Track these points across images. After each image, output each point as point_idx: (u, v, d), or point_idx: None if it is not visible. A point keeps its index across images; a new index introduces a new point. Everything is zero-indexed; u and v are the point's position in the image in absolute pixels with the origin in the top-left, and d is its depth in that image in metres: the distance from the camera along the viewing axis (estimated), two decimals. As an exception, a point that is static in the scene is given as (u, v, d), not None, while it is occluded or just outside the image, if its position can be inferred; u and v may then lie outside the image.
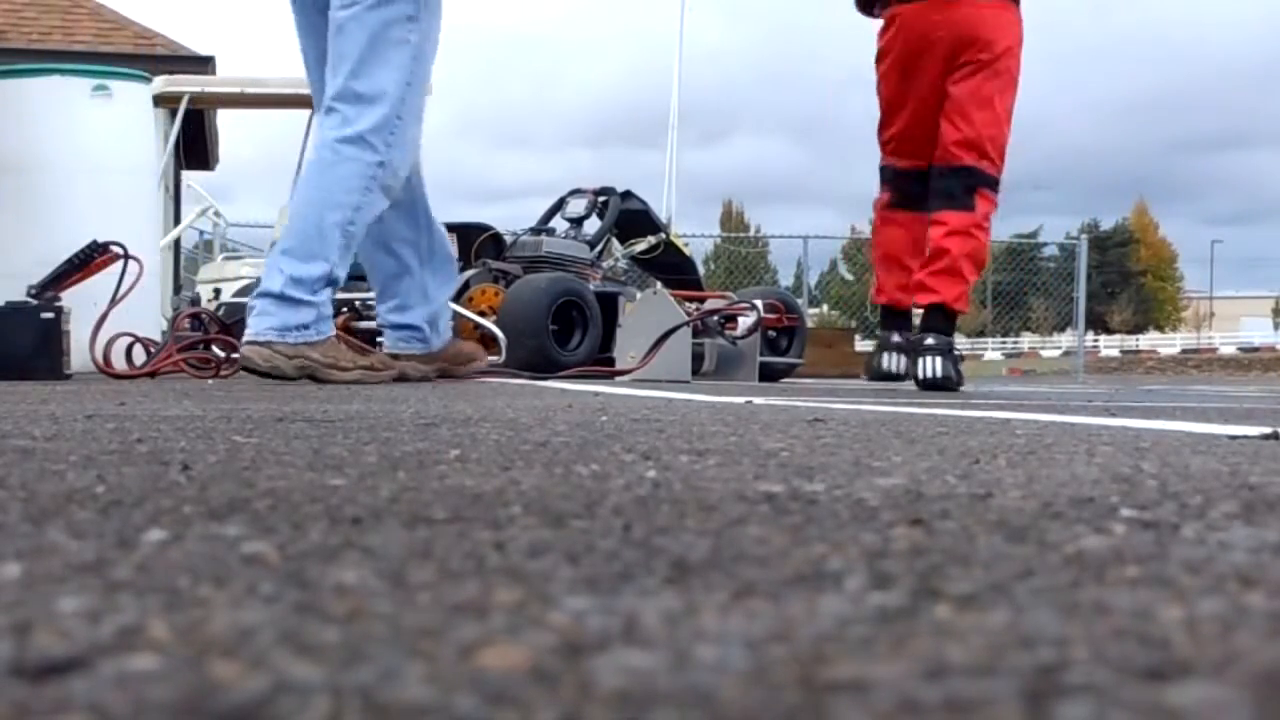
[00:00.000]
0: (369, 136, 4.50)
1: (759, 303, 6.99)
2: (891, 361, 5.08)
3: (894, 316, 5.16)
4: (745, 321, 6.93)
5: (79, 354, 5.23)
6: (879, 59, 5.10)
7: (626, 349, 6.58)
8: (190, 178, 15.26)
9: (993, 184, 4.94)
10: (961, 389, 4.98)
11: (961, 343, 5.26)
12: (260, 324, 4.43)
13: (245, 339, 4.48)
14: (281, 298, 4.46)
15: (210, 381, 4.87)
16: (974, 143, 4.88)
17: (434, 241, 4.96)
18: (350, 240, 4.59)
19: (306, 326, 4.46)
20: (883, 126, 5.13)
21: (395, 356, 4.91)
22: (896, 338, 5.11)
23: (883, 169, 5.17)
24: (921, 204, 5.00)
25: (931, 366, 4.80)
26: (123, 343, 5.33)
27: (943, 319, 4.86)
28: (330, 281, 4.55)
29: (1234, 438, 1.83)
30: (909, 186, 5.05)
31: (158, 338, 5.89)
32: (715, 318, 6.98)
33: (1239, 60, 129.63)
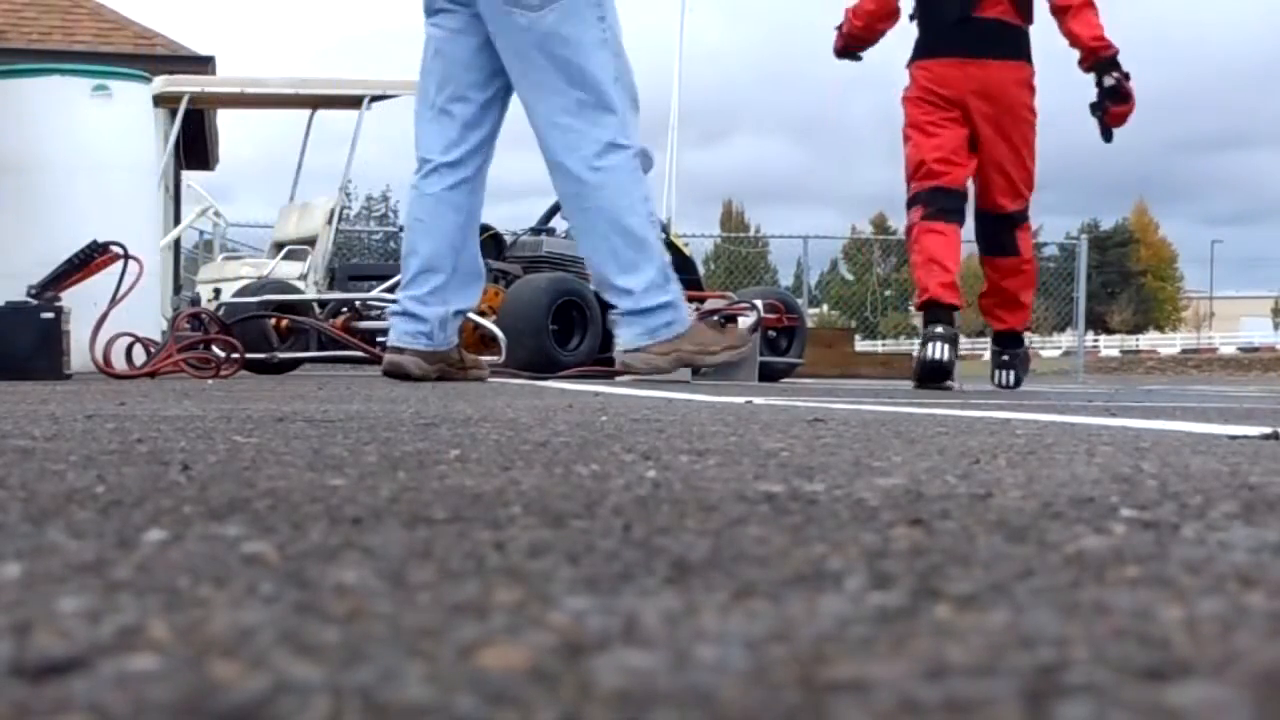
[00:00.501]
0: (616, 140, 4.74)
1: (759, 303, 6.99)
2: (937, 350, 5.31)
3: (938, 310, 5.39)
4: (745, 321, 6.92)
5: (79, 354, 5.23)
6: (907, 120, 5.51)
7: (626, 349, 6.56)
8: (190, 178, 15.25)
9: (1027, 215, 5.67)
10: (960, 388, 5.08)
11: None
12: (628, 334, 4.83)
13: (623, 348, 4.84)
14: (632, 313, 4.80)
15: (210, 381, 4.87)
16: (1014, 190, 5.54)
17: (470, 252, 5.08)
18: (655, 223, 4.91)
19: (670, 324, 4.80)
20: (911, 167, 5.54)
21: (399, 350, 4.96)
22: (940, 329, 5.34)
23: (913, 196, 5.52)
24: (955, 216, 5.46)
25: (1007, 377, 5.77)
26: (123, 343, 5.33)
27: (1013, 339, 5.85)
28: (664, 272, 4.82)
29: (1234, 438, 1.83)
30: (943, 201, 5.44)
31: (158, 338, 5.88)
32: (715, 317, 6.97)
33: (1239, 60, 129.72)
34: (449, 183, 4.91)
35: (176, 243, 13.22)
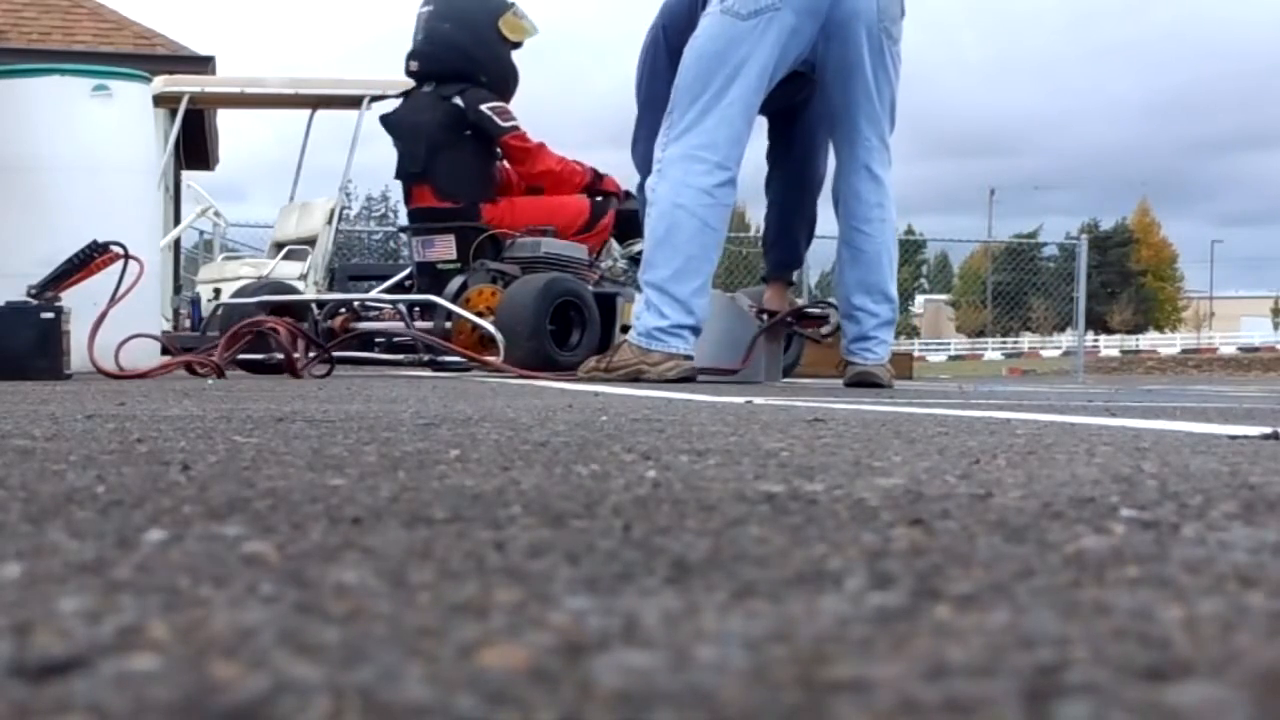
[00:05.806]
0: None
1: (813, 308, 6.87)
2: None
3: None
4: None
5: (79, 354, 5.23)
6: None
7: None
8: (190, 178, 15.24)
9: None
10: (962, 389, 5.10)
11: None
12: (881, 352, 5.33)
13: (871, 363, 5.26)
14: (891, 323, 5.39)
15: (210, 381, 4.87)
16: None
17: None
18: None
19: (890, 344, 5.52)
20: None
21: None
22: None
23: None
24: None
25: None
26: (134, 344, 5.34)
27: None
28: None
29: (1234, 438, 1.83)
30: None
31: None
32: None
33: (1244, 61, 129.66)
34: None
35: (176, 243, 13.22)
